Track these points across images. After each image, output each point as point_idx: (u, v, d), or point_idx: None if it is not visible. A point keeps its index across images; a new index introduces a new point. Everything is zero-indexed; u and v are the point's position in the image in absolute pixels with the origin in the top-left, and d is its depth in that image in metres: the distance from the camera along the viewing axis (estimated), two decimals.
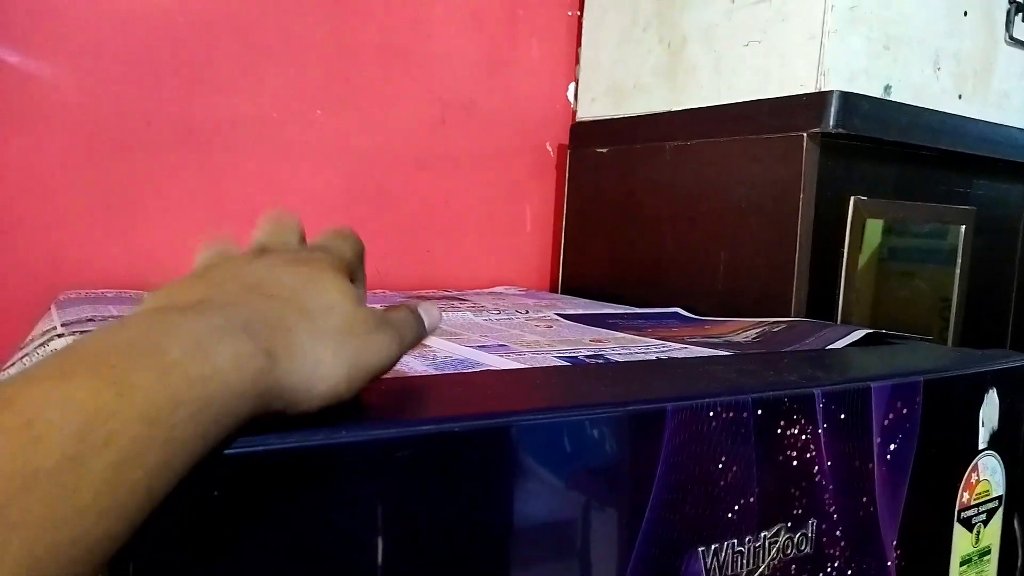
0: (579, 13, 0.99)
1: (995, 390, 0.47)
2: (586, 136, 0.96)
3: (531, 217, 1.00)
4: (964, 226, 0.81)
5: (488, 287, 0.93)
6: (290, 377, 0.25)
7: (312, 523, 0.26)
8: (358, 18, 0.86)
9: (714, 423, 0.35)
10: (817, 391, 0.38)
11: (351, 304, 0.28)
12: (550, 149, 1.00)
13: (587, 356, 0.48)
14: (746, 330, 0.62)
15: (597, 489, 0.33)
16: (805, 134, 0.68)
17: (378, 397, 0.33)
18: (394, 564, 0.27)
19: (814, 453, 0.38)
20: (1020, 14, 0.86)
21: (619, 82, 0.93)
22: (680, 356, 0.49)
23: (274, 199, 0.84)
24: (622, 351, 0.51)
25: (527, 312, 0.69)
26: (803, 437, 0.38)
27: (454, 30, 0.92)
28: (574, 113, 1.00)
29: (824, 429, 0.39)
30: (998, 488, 0.48)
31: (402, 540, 0.27)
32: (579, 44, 0.99)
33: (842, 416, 0.39)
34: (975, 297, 0.83)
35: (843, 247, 0.70)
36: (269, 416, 0.25)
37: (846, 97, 0.67)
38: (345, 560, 0.27)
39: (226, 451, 0.24)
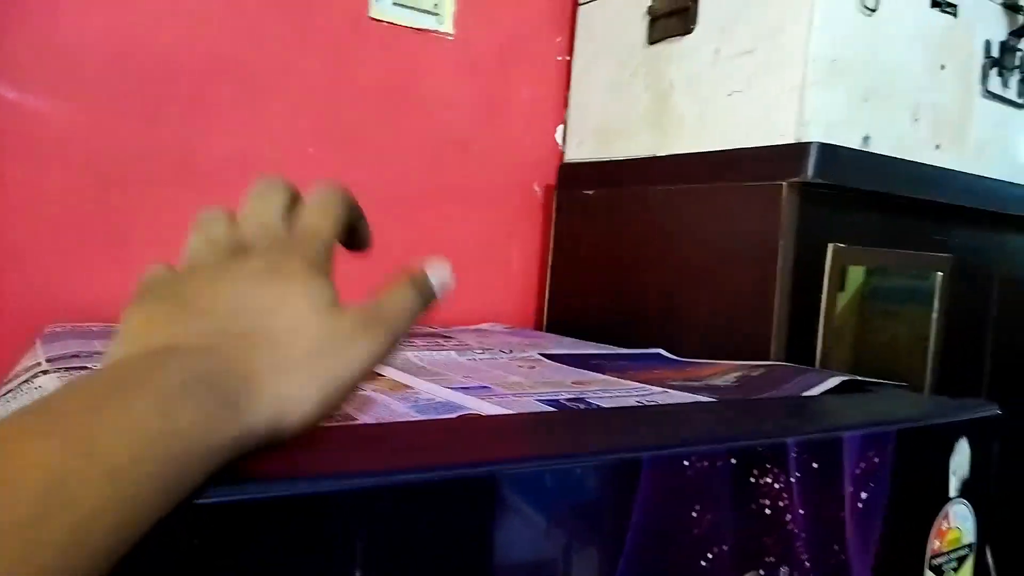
0: (568, 58, 1.02)
1: (966, 439, 0.48)
2: (573, 177, 0.98)
3: (518, 255, 1.01)
4: (941, 273, 0.83)
5: (475, 324, 0.93)
6: (257, 421, 0.26)
7: (293, 573, 0.26)
8: (355, 60, 0.88)
9: (689, 472, 0.36)
10: (790, 441, 0.39)
11: (320, 313, 0.28)
12: (537, 190, 1.02)
13: (568, 399, 0.49)
14: (726, 373, 0.63)
15: (573, 537, 0.33)
16: (785, 183, 0.69)
17: (361, 442, 0.34)
18: None
19: (787, 502, 0.39)
20: (995, 68, 0.89)
21: (606, 126, 0.95)
22: (661, 400, 0.50)
23: None
24: (603, 395, 0.51)
25: (511, 351, 0.70)
26: (776, 486, 0.39)
27: (448, 73, 0.94)
28: (562, 155, 1.02)
29: (797, 478, 0.39)
30: (969, 536, 0.49)
31: None
32: (568, 88, 1.02)
33: (814, 465, 0.40)
34: (952, 342, 0.84)
35: (822, 294, 0.71)
36: (243, 455, 0.25)
37: (825, 148, 0.69)
38: None
39: (206, 500, 0.24)
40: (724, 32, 0.80)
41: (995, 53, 0.89)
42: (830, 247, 0.72)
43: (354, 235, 0.35)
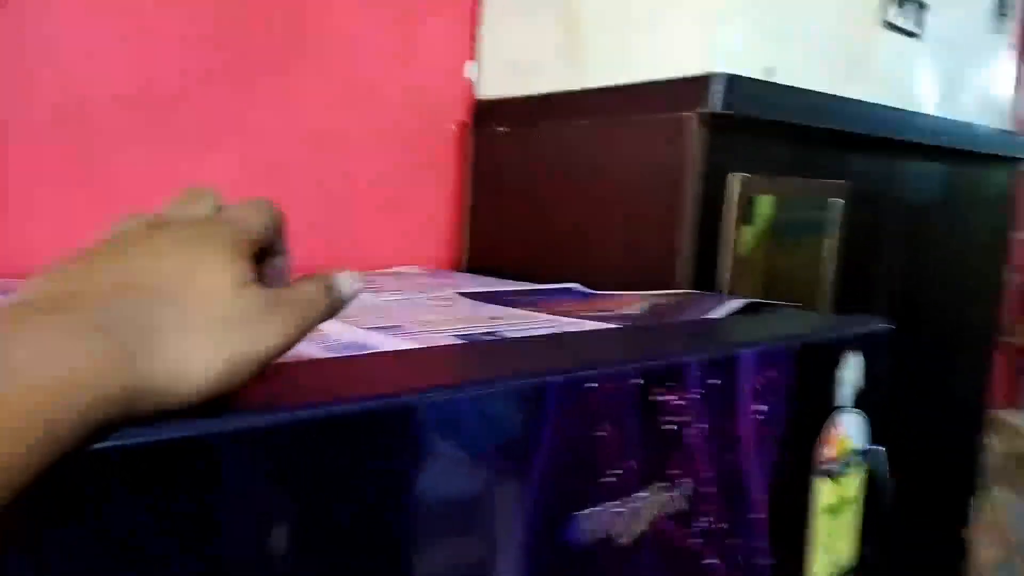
0: None
1: (857, 353, 0.51)
2: (487, 115, 0.97)
3: (434, 196, 1.00)
4: (840, 200, 0.86)
5: (391, 268, 0.93)
6: (153, 376, 0.24)
7: (202, 515, 0.26)
8: None
9: (596, 394, 0.37)
10: (692, 360, 0.41)
11: (235, 287, 0.28)
12: (452, 128, 1.00)
13: (482, 334, 0.50)
14: (637, 303, 0.64)
15: (485, 463, 0.34)
16: (692, 114, 0.70)
17: (266, 383, 0.33)
18: (293, 550, 0.28)
19: (689, 418, 0.41)
20: (895, 0, 0.92)
21: (518, 61, 0.94)
22: (572, 331, 0.51)
23: (164, 180, 0.81)
24: (516, 328, 0.52)
25: (426, 292, 0.70)
26: (678, 403, 0.40)
27: (353, 7, 0.91)
28: (474, 92, 1.00)
29: (699, 395, 0.41)
30: (860, 442, 0.53)
31: (298, 525, 0.28)
32: (478, 23, 1.00)
33: (715, 382, 0.42)
34: (850, 265, 0.88)
35: (727, 223, 0.74)
36: (139, 415, 0.24)
37: (731, 79, 0.70)
38: (240, 549, 0.27)
39: (100, 445, 0.23)
40: None
41: None
42: (735, 177, 0.73)
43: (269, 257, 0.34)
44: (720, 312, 0.56)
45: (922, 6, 0.95)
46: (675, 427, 0.40)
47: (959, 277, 1.13)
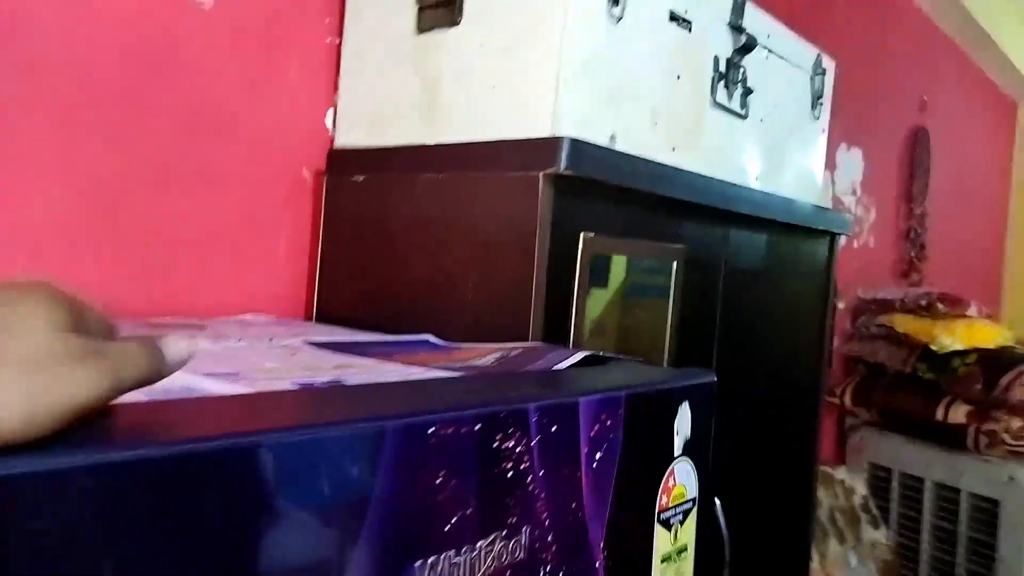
0: (338, 40, 1.00)
1: (688, 403, 0.54)
2: (343, 163, 0.96)
3: (286, 243, 0.97)
4: (677, 262, 0.92)
5: (236, 315, 0.89)
6: None
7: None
8: (100, 17, 0.79)
9: (433, 439, 0.37)
10: (531, 406, 0.42)
11: (49, 330, 0.27)
12: (307, 175, 0.99)
13: (326, 382, 0.48)
14: (487, 355, 0.65)
15: (318, 511, 0.33)
16: (541, 174, 0.73)
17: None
18: None
19: (528, 464, 0.41)
20: (722, 81, 1.01)
21: (376, 112, 0.94)
22: (416, 378, 0.51)
23: None
24: (364, 377, 0.51)
25: (272, 340, 0.67)
26: (518, 449, 0.41)
27: (207, 44, 0.88)
28: (332, 139, 1.00)
29: (537, 441, 0.42)
30: (692, 491, 0.55)
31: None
32: (339, 71, 1.00)
33: (553, 428, 0.43)
34: (687, 323, 0.94)
35: (577, 279, 0.77)
36: None
37: (575, 143, 0.74)
38: None
39: None
40: (488, 27, 0.82)
41: (723, 68, 1.00)
42: (581, 235, 0.77)
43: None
44: (564, 363, 0.58)
45: (748, 91, 1.05)
46: (515, 474, 0.40)
47: (788, 340, 1.23)
